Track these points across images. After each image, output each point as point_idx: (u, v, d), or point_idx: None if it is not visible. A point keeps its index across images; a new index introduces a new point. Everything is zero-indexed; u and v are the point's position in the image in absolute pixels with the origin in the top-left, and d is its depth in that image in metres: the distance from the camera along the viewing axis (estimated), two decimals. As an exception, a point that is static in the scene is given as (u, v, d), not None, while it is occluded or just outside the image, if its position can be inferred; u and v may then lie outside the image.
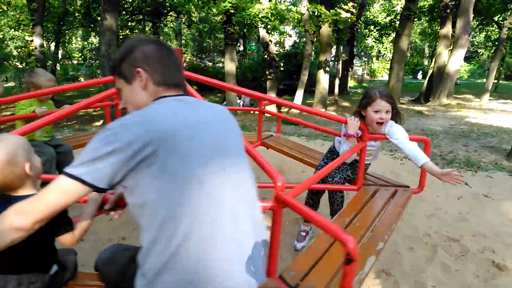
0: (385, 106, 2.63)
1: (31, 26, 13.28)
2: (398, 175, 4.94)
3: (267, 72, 14.68)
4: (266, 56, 14.80)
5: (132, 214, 1.23)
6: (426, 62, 39.71)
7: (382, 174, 4.85)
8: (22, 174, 1.35)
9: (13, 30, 13.45)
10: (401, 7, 19.63)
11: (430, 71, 18.69)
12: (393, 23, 20.38)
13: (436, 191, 4.42)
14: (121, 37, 20.31)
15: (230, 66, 13.10)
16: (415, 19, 15.54)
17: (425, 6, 16.93)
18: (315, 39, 13.20)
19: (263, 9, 11.13)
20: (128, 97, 1.40)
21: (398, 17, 17.36)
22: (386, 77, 32.07)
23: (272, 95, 14.68)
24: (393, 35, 19.78)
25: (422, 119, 9.55)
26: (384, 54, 36.42)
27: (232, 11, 11.67)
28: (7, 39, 13.63)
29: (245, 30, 24.04)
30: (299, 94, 12.96)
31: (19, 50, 14.50)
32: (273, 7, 11.53)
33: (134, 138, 1.13)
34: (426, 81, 18.25)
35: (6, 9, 15.40)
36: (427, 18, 17.67)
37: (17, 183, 1.35)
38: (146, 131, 1.14)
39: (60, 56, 25.71)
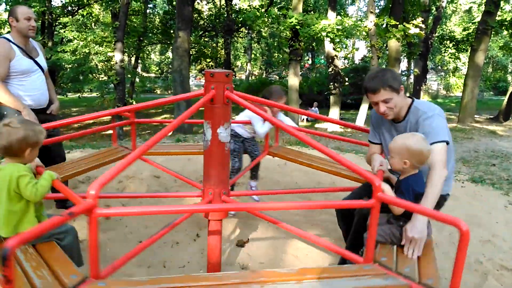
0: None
1: (113, 43, 14.52)
2: (457, 198, 4.75)
3: (331, 86, 14.65)
4: (331, 71, 14.78)
5: None
6: (510, 78, 36.84)
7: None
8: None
9: (97, 46, 14.83)
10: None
11: (511, 88, 17.42)
12: (470, 38, 19.32)
13: (496, 217, 4.20)
14: (193, 52, 21.48)
15: (293, 81, 13.29)
16: (493, 34, 14.61)
17: (507, 20, 15.84)
18: (382, 54, 12.96)
19: (328, 25, 11.20)
20: (398, 102, 2.35)
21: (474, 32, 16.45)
22: (463, 93, 30.16)
23: (335, 110, 14.60)
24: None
25: (494, 140, 8.97)
26: (461, 68, 34.46)
27: (298, 27, 11.89)
28: (92, 54, 15.05)
29: (313, 44, 24.23)
30: (363, 109, 12.77)
31: (102, 64, 15.92)
32: (339, 23, 11.56)
33: None
34: (506, 98, 17.03)
35: (93, 26, 17.04)
36: (509, 32, 16.53)
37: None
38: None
39: (139, 70, 27.67)
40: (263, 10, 19.42)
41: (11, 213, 1.95)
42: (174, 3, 19.95)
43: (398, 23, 11.88)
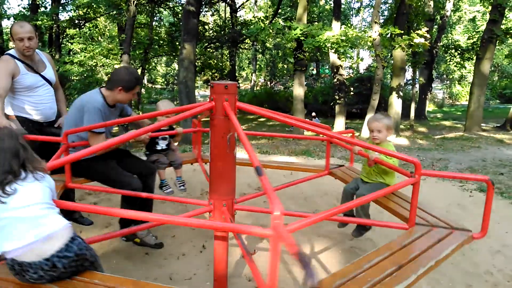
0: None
1: (119, 55, 14.66)
2: (464, 208, 4.69)
3: (336, 96, 14.66)
4: (335, 80, 14.80)
5: None
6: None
7: (448, 206, 4.68)
8: None
9: (104, 58, 14.96)
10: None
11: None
12: (475, 46, 19.33)
13: (506, 227, 4.13)
14: (199, 64, 21.65)
15: (298, 91, 13.31)
16: (498, 42, 14.61)
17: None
18: (387, 63, 12.96)
19: (333, 36, 11.25)
20: None
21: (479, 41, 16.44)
22: (469, 102, 29.95)
23: (341, 119, 14.58)
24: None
25: (502, 148, 8.88)
26: (467, 77, 34.35)
27: (302, 38, 11.94)
28: (99, 66, 15.19)
29: (317, 54, 24.31)
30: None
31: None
32: (343, 33, 11.60)
33: None
34: (513, 107, 16.97)
35: (99, 39, 17.22)
36: (515, 40, 16.54)
37: None
38: None
39: (145, 81, 27.84)
40: (267, 22, 19.59)
41: None
42: (180, 15, 20.15)
43: (402, 32, 11.89)
